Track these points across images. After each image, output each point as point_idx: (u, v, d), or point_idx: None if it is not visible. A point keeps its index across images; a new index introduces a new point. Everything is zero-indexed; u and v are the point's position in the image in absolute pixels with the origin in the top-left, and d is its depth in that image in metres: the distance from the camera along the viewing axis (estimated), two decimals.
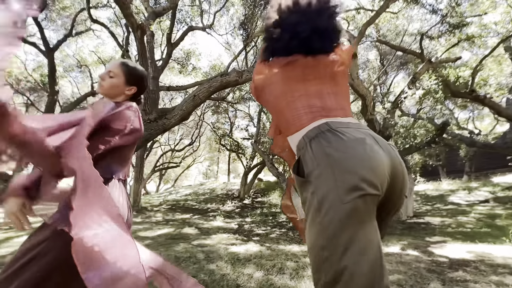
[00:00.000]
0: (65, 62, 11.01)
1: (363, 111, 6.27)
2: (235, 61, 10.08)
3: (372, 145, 0.64)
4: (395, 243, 3.22)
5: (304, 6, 0.74)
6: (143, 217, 6.91)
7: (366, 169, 0.59)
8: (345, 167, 0.60)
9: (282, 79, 0.79)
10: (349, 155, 0.61)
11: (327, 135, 0.66)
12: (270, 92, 0.82)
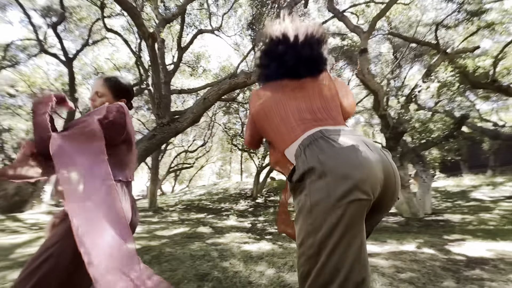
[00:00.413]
0: (83, 70, 11.57)
1: (376, 107, 6.13)
2: (244, 61, 10.16)
3: (365, 151, 0.67)
4: (411, 241, 3.15)
5: (290, 38, 0.83)
6: (159, 217, 7.15)
7: (358, 176, 0.62)
8: (338, 174, 0.63)
9: (275, 99, 0.85)
10: (342, 162, 0.64)
11: (320, 142, 0.70)
12: (265, 113, 0.86)
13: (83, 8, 8.51)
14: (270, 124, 0.85)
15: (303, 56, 0.83)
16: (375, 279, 1.68)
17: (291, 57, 0.83)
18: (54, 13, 8.08)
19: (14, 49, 9.19)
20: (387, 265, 2.04)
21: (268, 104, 0.85)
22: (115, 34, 8.18)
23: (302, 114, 0.80)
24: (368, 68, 5.65)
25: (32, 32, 8.06)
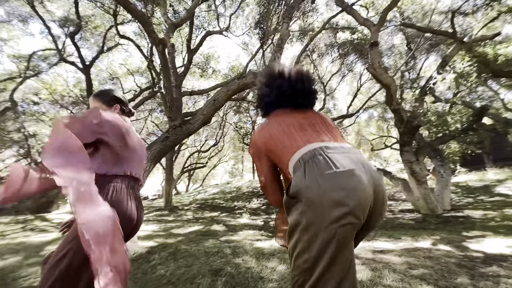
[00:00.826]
0: (99, 76, 12.07)
1: (388, 101, 5.97)
2: (253, 60, 10.20)
3: (360, 175, 0.72)
4: (426, 238, 3.08)
5: (286, 74, 0.99)
6: (175, 216, 7.38)
7: (351, 204, 0.68)
8: (333, 199, 0.69)
9: (277, 120, 0.94)
10: (338, 188, 0.69)
11: (319, 160, 0.74)
12: (270, 134, 0.91)
13: (97, 16, 8.86)
14: (275, 141, 0.88)
15: (298, 89, 0.98)
16: (385, 275, 1.68)
17: (288, 88, 0.97)
18: (71, 23, 8.48)
19: (36, 59, 9.75)
20: (399, 262, 2.02)
21: (271, 125, 0.93)
22: (127, 40, 8.47)
23: (304, 130, 0.88)
24: (379, 62, 5.51)
25: (52, 42, 8.52)
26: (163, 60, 2.97)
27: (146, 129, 14.98)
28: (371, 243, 2.99)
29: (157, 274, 2.00)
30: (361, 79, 11.91)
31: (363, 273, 1.77)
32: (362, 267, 1.89)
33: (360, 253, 2.41)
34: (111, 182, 0.96)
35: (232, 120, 15.71)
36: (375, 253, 2.39)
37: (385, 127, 16.26)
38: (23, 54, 9.82)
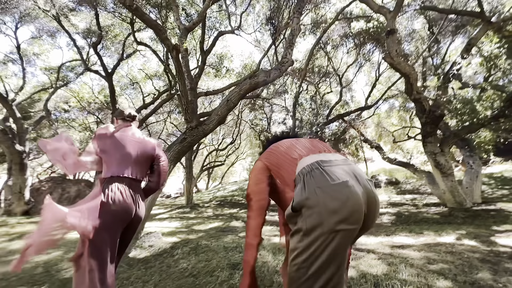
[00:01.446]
0: (120, 82, 12.73)
1: (408, 91, 5.70)
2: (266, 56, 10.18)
3: (354, 186, 0.80)
4: (450, 232, 2.96)
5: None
6: (196, 213, 7.68)
7: (346, 212, 0.76)
8: (330, 208, 0.76)
9: (279, 143, 1.09)
10: (334, 198, 0.77)
11: (317, 174, 0.83)
12: (275, 154, 1.06)
13: (116, 25, 9.33)
14: (278, 157, 1.02)
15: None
16: (401, 270, 1.67)
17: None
18: (93, 34, 9.01)
19: (65, 70, 10.50)
20: (417, 257, 1.99)
21: (275, 148, 1.08)
22: (144, 46, 8.84)
23: (302, 145, 1.02)
24: (397, 50, 5.27)
25: (77, 53, 9.12)
26: (177, 65, 3.11)
27: (166, 130, 15.57)
28: (390, 238, 2.94)
29: (180, 267, 2.14)
30: (379, 69, 11.41)
31: (378, 267, 1.78)
32: (378, 262, 1.89)
33: (378, 248, 2.39)
34: (109, 183, 1.22)
35: (247, 117, 15.83)
36: (393, 248, 2.36)
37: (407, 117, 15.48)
38: (53, 66, 10.63)
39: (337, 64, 11.30)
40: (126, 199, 1.21)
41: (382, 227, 3.92)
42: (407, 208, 5.97)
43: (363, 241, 2.83)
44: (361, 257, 2.09)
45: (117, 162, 1.28)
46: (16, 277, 2.27)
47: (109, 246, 1.15)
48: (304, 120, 9.52)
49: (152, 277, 1.97)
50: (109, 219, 1.14)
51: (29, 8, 7.68)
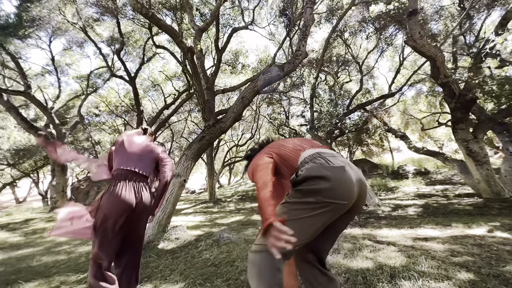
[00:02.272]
0: (143, 85, 13.39)
1: (435, 75, 5.33)
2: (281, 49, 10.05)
3: (349, 171, 0.95)
4: (482, 224, 2.79)
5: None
6: (219, 207, 7.96)
7: (343, 189, 0.92)
8: (330, 186, 0.91)
9: (280, 143, 1.22)
10: (333, 177, 0.92)
11: (319, 159, 0.99)
12: (280, 152, 1.15)
13: (136, 31, 9.79)
14: (281, 149, 1.15)
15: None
16: (421, 262, 1.64)
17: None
18: (116, 41, 9.56)
19: (93, 77, 11.30)
20: (441, 249, 1.93)
21: (277, 143, 1.22)
22: (163, 49, 9.19)
23: (301, 143, 1.17)
24: (420, 32, 4.93)
25: (103, 60, 9.76)
26: (192, 67, 3.23)
27: (187, 128, 16.14)
28: (413, 230, 2.85)
29: (203, 258, 2.29)
30: (403, 53, 10.70)
31: (397, 259, 1.76)
32: (397, 254, 1.87)
33: (399, 241, 2.34)
34: (115, 179, 1.48)
35: (265, 112, 15.83)
36: (416, 241, 2.30)
37: (437, 102, 14.41)
38: (83, 74, 11.49)
39: (356, 51, 10.82)
40: (127, 192, 1.43)
41: (407, 219, 3.78)
42: (436, 200, 5.65)
43: (384, 234, 2.78)
44: (380, 249, 2.07)
45: (123, 158, 1.55)
46: (64, 265, 2.59)
47: (110, 233, 1.36)
48: (323, 112, 9.28)
49: (178, 266, 2.14)
50: (110, 208, 1.37)
51: (59, 23, 8.34)
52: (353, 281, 1.49)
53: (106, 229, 1.35)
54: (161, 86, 12.79)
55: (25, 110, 11.64)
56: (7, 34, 7.08)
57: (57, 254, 3.12)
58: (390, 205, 5.32)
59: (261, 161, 1.09)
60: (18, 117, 7.87)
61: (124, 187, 1.44)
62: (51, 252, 3.28)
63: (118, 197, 1.39)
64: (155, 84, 12.86)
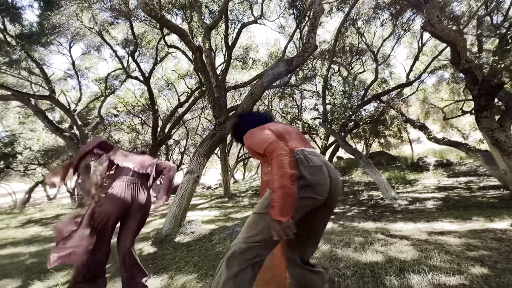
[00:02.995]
0: (157, 84, 13.76)
1: (455, 60, 5.02)
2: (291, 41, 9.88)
3: (325, 172, 1.06)
4: (506, 218, 2.65)
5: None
6: (233, 202, 8.11)
7: (319, 187, 1.03)
8: (309, 183, 1.02)
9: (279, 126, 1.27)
10: (313, 177, 1.03)
11: (301, 157, 1.07)
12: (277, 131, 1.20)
13: (149, 32, 10.04)
14: (279, 131, 1.21)
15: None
16: (433, 256, 1.61)
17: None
18: (130, 43, 9.86)
19: (111, 79, 11.78)
20: (456, 243, 1.87)
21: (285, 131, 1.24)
22: (175, 48, 9.36)
23: (294, 134, 1.23)
24: (438, 16, 4.66)
25: (119, 63, 10.13)
26: (201, 65, 3.29)
27: (201, 125, 16.44)
28: (430, 224, 2.76)
29: (216, 251, 2.39)
30: (422, 38, 10.13)
31: (408, 253, 1.73)
32: (410, 248, 1.84)
33: (413, 234, 2.29)
34: (115, 177, 1.70)
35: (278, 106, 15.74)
36: (431, 235, 2.24)
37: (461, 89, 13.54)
38: (101, 77, 12.01)
39: (370, 39, 10.38)
40: (124, 192, 1.61)
41: (424, 213, 3.66)
42: (458, 192, 5.40)
43: (399, 227, 2.72)
44: (392, 243, 2.04)
45: (122, 160, 1.74)
46: None
47: (106, 226, 1.53)
48: (336, 104, 9.06)
49: (193, 258, 2.25)
50: (109, 206, 1.56)
51: (77, 28, 8.74)
52: (361, 274, 1.49)
53: (106, 227, 1.51)
54: (175, 85, 13.08)
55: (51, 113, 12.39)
56: (31, 42, 7.55)
57: None
58: (408, 199, 5.15)
59: (280, 145, 1.04)
60: (45, 120, 8.43)
61: (125, 190, 1.61)
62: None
63: (117, 197, 1.57)
64: (168, 83, 13.17)
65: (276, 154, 1.00)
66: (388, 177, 8.60)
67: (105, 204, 1.55)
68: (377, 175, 5.95)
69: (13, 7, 7.21)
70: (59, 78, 11.93)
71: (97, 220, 1.51)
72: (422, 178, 8.17)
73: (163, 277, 1.89)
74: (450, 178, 7.78)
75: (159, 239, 3.14)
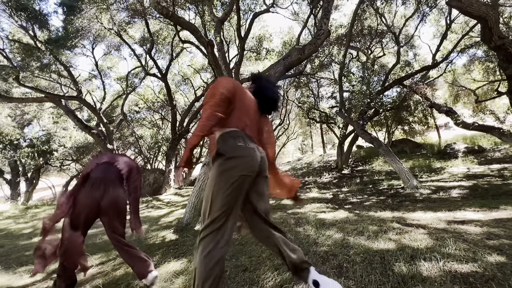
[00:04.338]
0: (174, 80, 14.13)
1: (486, 37, 4.59)
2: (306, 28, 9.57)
3: (256, 152, 1.21)
4: None
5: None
6: None
7: (250, 164, 1.17)
8: (241, 161, 1.15)
9: (245, 103, 1.34)
10: (246, 155, 1.17)
11: (238, 138, 1.20)
12: (236, 96, 1.29)
13: (163, 29, 10.26)
14: (238, 103, 1.28)
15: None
16: (449, 244, 1.57)
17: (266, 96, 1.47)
18: (147, 41, 10.18)
19: (131, 77, 12.30)
20: (476, 232, 1.80)
21: (238, 92, 1.30)
22: (189, 43, 9.50)
23: (252, 117, 1.34)
24: None
25: (138, 61, 10.53)
26: (213, 60, 3.34)
27: None
28: (451, 213, 2.65)
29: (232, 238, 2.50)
30: (450, 14, 9.30)
31: (422, 242, 1.70)
32: (424, 237, 1.80)
33: (431, 223, 2.23)
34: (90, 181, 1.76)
35: (293, 96, 15.48)
36: (450, 224, 2.16)
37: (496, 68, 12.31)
38: (122, 76, 12.58)
39: (391, 20, 9.74)
40: (95, 190, 1.72)
41: (447, 202, 3.50)
42: (488, 180, 5.05)
43: (417, 217, 2.65)
44: (407, 231, 2.00)
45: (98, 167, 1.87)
46: None
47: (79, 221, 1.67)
48: (354, 92, 8.72)
49: None
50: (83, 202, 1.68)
51: (98, 30, 9.16)
52: (370, 260, 1.51)
53: (79, 222, 1.66)
54: (191, 79, 13.35)
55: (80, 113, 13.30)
56: (59, 46, 8.08)
57: None
58: (431, 188, 4.93)
59: (212, 112, 1.17)
60: (75, 119, 9.09)
61: (94, 187, 1.72)
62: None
63: (88, 196, 1.69)
64: (185, 78, 13.48)
65: (204, 115, 1.17)
66: (412, 165, 8.23)
67: (79, 203, 1.70)
68: (397, 164, 5.73)
69: (41, 14, 7.72)
70: (84, 79, 12.68)
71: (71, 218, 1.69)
72: (450, 166, 7.71)
73: (183, 261, 2.05)
74: (481, 166, 7.27)
75: (180, 228, 3.35)
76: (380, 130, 14.04)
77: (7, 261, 2.56)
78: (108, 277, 1.87)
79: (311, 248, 1.92)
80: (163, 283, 1.62)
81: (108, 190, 1.74)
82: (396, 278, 1.26)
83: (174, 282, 1.62)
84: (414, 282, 1.19)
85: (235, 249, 2.16)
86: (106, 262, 2.28)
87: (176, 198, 8.16)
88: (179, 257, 2.15)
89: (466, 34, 9.20)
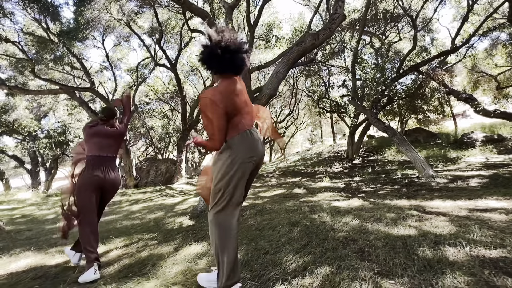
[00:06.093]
0: (183, 70, 14.11)
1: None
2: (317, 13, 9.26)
3: (259, 142, 1.37)
4: None
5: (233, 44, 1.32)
6: (261, 182, 8.34)
7: (254, 154, 1.32)
8: (248, 150, 1.30)
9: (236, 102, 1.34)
10: (252, 146, 1.32)
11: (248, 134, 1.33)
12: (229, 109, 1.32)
13: (172, 18, 10.17)
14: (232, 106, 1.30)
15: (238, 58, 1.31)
16: (473, 231, 1.54)
17: (237, 58, 1.30)
18: (156, 31, 10.13)
19: (141, 68, 12.37)
20: (501, 219, 1.75)
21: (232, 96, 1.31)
22: (197, 32, 9.40)
23: (249, 110, 1.40)
24: None
25: (147, 51, 10.54)
26: None
27: None
28: (472, 201, 2.59)
29: (248, 224, 2.55)
30: None
31: (444, 228, 1.68)
32: (446, 224, 1.77)
33: (451, 211, 2.19)
34: (89, 161, 1.92)
35: (303, 86, 15.20)
36: (472, 211, 2.11)
37: None
38: (132, 67, 12.68)
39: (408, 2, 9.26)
40: (98, 171, 1.88)
41: (466, 191, 3.40)
42: (509, 170, 4.87)
43: (435, 205, 2.60)
44: (428, 219, 1.98)
45: (94, 146, 1.95)
46: (140, 227, 3.19)
47: (89, 202, 1.83)
48: (367, 79, 8.45)
49: None
50: (87, 183, 1.85)
51: (108, 21, 9.18)
52: (392, 245, 1.50)
53: (84, 199, 1.83)
54: (199, 70, 13.28)
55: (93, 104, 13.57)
56: (71, 38, 8.18)
57: (133, 220, 3.84)
58: (448, 177, 4.81)
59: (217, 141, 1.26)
60: (89, 110, 9.30)
61: (95, 171, 1.88)
62: (128, 218, 4.03)
63: (93, 177, 1.87)
64: (194, 69, 13.43)
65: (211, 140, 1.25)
66: (426, 155, 8.02)
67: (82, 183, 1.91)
68: (412, 153, 5.60)
69: (52, 6, 7.79)
70: (96, 70, 12.86)
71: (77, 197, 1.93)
72: (467, 155, 7.47)
73: (203, 244, 2.11)
74: (501, 155, 7.00)
75: (195, 214, 3.43)
76: (392, 119, 13.67)
77: (37, 243, 2.71)
78: (134, 258, 1.96)
79: (329, 233, 1.93)
80: (187, 263, 1.68)
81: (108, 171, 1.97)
82: (421, 262, 1.25)
83: (198, 263, 1.67)
84: (441, 266, 1.18)
85: (253, 234, 2.20)
86: (129, 245, 2.38)
87: (188, 187, 8.34)
88: (199, 241, 2.22)
89: (490, 15, 8.63)
